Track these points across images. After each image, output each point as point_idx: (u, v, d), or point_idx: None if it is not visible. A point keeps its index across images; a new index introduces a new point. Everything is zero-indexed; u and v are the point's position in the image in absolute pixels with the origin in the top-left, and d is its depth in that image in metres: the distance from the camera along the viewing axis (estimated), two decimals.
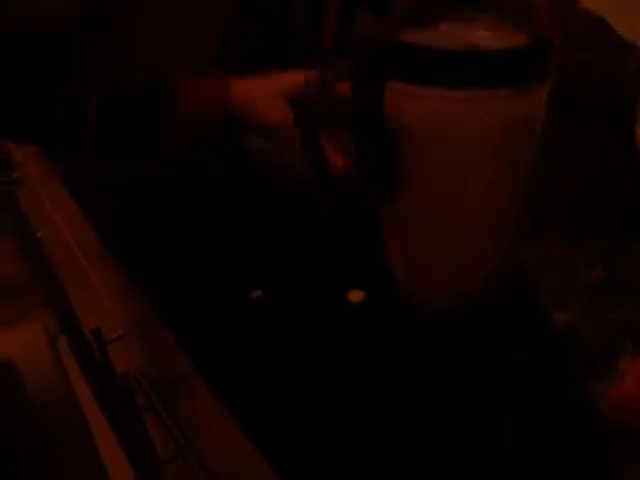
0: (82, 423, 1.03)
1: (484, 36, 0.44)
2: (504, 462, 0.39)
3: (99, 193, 0.83)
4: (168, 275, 0.60)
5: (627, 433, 0.38)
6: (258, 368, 0.49)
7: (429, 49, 0.42)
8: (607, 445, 0.38)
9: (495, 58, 0.41)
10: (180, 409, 0.70)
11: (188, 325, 0.56)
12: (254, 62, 0.60)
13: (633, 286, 0.50)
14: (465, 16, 0.45)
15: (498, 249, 0.50)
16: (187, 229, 0.70)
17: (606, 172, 0.64)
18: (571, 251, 0.55)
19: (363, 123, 0.45)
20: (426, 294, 0.52)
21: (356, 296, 0.53)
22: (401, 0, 0.44)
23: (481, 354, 0.48)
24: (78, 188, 0.91)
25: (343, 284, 0.54)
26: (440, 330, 0.49)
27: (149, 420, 0.91)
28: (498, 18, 0.44)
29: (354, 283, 0.54)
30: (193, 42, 0.79)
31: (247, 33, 0.59)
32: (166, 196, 0.77)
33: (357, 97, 0.45)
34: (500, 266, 0.51)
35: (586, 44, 0.75)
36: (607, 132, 0.69)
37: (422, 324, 0.50)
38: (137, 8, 0.58)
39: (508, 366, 0.47)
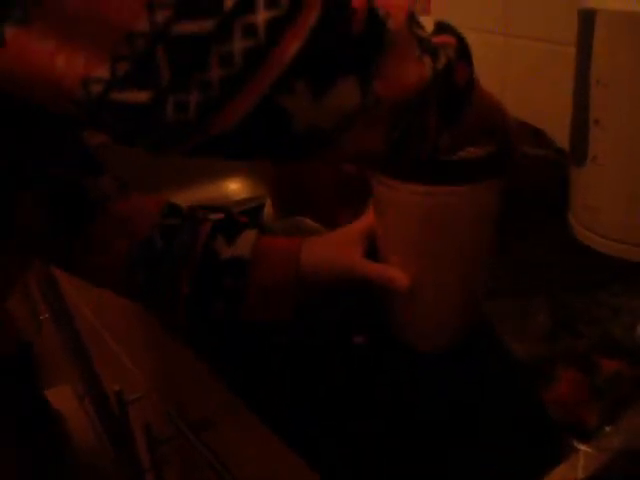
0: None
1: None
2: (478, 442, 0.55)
3: None
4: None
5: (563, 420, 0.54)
6: (286, 393, 0.63)
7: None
8: (550, 428, 0.54)
9: (468, 163, 0.59)
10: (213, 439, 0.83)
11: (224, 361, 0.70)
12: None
13: (571, 328, 0.67)
14: None
15: (468, 303, 0.67)
16: None
17: (543, 247, 0.82)
18: (521, 304, 0.72)
19: None
20: (416, 339, 0.68)
21: (359, 339, 0.69)
22: None
23: (462, 374, 0.64)
24: None
25: (349, 331, 0.70)
26: (429, 365, 0.66)
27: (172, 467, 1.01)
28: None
29: (358, 330, 0.70)
30: None
31: None
32: None
33: None
34: (470, 316, 0.68)
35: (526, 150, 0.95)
36: (545, 218, 0.88)
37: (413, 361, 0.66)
38: None
39: (482, 382, 0.63)
